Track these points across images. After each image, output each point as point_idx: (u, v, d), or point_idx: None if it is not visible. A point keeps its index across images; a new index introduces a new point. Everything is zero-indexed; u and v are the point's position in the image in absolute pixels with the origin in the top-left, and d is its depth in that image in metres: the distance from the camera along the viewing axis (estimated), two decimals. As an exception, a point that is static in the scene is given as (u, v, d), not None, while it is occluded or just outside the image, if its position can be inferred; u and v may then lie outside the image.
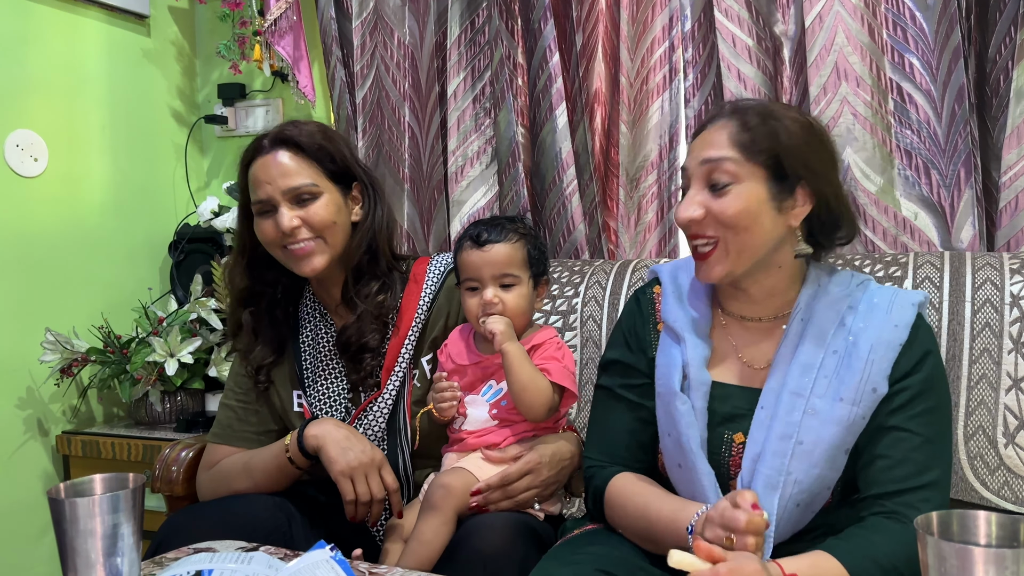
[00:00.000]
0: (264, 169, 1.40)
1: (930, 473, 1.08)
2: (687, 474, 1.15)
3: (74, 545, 0.89)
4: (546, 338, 1.40)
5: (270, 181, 1.40)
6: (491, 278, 1.36)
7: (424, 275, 1.52)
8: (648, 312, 1.28)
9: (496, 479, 1.30)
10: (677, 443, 1.16)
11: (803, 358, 1.13)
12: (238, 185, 1.48)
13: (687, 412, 1.15)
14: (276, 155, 1.41)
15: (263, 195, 1.40)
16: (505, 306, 1.36)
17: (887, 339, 1.11)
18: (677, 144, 1.91)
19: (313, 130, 1.44)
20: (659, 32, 1.90)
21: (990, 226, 1.65)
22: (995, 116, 1.63)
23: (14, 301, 2.07)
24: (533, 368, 1.33)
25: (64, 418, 2.20)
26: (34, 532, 2.10)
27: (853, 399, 1.09)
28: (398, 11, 2.15)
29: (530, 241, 1.40)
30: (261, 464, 1.42)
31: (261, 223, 1.42)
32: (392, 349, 1.47)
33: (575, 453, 1.41)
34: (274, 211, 1.40)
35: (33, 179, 2.10)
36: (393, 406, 1.45)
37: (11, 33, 2.06)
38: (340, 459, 1.33)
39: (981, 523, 0.80)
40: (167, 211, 2.45)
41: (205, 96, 2.55)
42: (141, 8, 2.35)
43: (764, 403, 1.14)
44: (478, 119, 2.06)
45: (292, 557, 1.14)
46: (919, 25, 1.66)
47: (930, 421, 1.10)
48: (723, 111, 1.16)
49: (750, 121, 1.11)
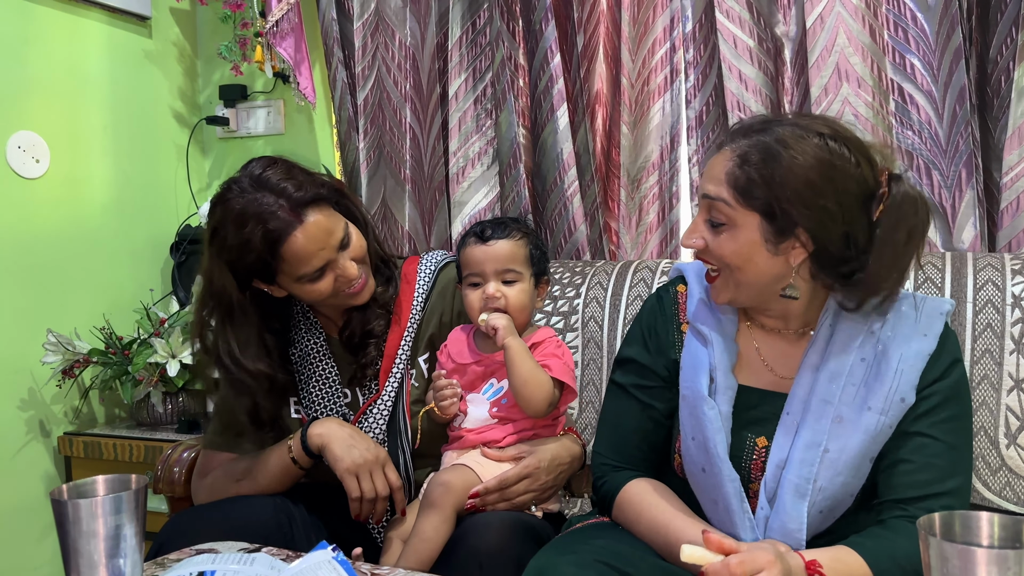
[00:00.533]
0: (310, 239, 1.32)
1: (952, 480, 1.07)
2: (711, 479, 1.14)
3: (77, 546, 0.90)
4: (545, 337, 1.41)
5: (323, 246, 1.34)
6: (494, 273, 1.37)
7: (415, 274, 1.52)
8: (671, 312, 1.27)
9: (494, 483, 1.30)
10: (703, 448, 1.14)
11: (832, 365, 1.12)
12: (241, 264, 1.34)
13: (715, 417, 1.14)
14: (313, 220, 1.33)
15: (320, 262, 1.34)
16: (507, 301, 1.37)
17: (916, 349, 1.10)
18: (678, 145, 1.91)
19: (302, 177, 1.36)
20: (660, 33, 1.90)
21: (991, 227, 1.65)
22: (996, 117, 1.63)
23: (16, 302, 2.07)
24: (534, 363, 1.34)
25: (66, 419, 2.20)
26: (36, 533, 2.10)
27: (881, 408, 1.08)
28: (399, 12, 2.16)
29: (532, 241, 1.41)
30: (264, 467, 1.42)
31: (312, 286, 1.36)
32: (391, 343, 1.47)
33: (575, 456, 1.41)
34: (326, 271, 1.36)
35: (35, 180, 2.11)
36: (392, 407, 1.46)
37: (13, 34, 2.06)
38: (345, 457, 1.33)
39: (983, 524, 0.80)
40: (168, 212, 2.45)
41: (206, 97, 2.55)
42: (143, 9, 2.35)
43: (790, 409, 1.13)
44: (479, 120, 2.07)
45: (294, 558, 1.15)
46: (920, 26, 1.67)
47: (954, 428, 1.09)
48: (735, 134, 1.12)
49: (751, 158, 1.07)
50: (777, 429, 1.13)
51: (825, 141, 1.07)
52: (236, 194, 1.33)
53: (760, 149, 1.07)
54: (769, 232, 1.08)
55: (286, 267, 1.34)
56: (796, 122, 1.10)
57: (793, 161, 1.05)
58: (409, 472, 1.46)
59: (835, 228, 1.06)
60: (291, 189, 1.33)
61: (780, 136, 1.07)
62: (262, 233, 1.30)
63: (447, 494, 1.28)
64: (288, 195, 1.32)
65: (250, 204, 1.31)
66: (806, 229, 1.07)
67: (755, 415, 1.16)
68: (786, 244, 1.08)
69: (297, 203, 1.32)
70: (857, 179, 1.07)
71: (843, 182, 1.06)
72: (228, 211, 1.33)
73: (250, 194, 1.32)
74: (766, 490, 1.12)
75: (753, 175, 1.06)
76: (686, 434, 1.17)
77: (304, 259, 1.33)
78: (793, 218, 1.06)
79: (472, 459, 1.35)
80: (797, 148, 1.06)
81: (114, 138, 2.31)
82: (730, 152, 1.10)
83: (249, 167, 1.37)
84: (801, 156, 1.05)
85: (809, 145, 1.06)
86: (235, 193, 1.34)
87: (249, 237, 1.31)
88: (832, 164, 1.05)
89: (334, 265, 1.37)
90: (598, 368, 1.69)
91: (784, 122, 1.10)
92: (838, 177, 1.05)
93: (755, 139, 1.09)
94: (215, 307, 1.40)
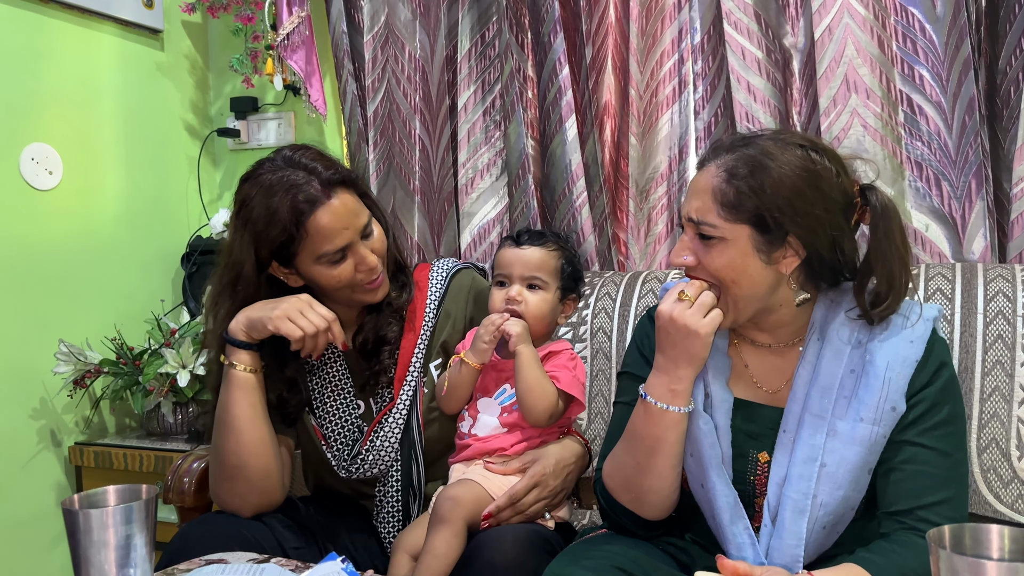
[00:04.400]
0: (336, 216, 1.33)
1: (946, 489, 1.07)
2: (708, 494, 1.14)
3: (87, 556, 0.90)
4: (562, 348, 1.42)
5: (347, 225, 1.34)
6: (519, 277, 1.39)
7: (427, 280, 1.52)
8: None
9: (504, 499, 1.30)
10: (699, 463, 1.15)
11: (822, 379, 1.12)
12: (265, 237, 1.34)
13: (709, 432, 1.14)
14: (340, 199, 1.34)
15: (342, 241, 1.34)
16: (527, 306, 1.38)
17: (903, 355, 1.10)
18: (687, 156, 1.91)
19: (333, 160, 1.39)
20: (668, 45, 1.91)
21: (1002, 237, 1.65)
22: (1006, 127, 1.63)
23: (28, 313, 2.08)
24: (543, 373, 1.35)
25: (77, 429, 2.21)
26: (47, 542, 2.11)
27: (873, 418, 1.08)
28: (409, 25, 2.17)
29: (566, 256, 1.43)
30: (222, 405, 1.37)
31: (332, 269, 1.36)
32: (405, 350, 1.47)
33: (579, 454, 1.40)
34: (347, 254, 1.37)
35: (48, 192, 2.12)
36: (407, 416, 1.45)
37: (27, 48, 2.09)
38: (270, 312, 1.34)
39: (994, 537, 0.80)
40: (180, 223, 2.46)
41: (218, 109, 2.57)
42: (155, 23, 2.38)
43: (786, 426, 1.13)
44: (488, 131, 2.07)
45: (303, 569, 1.15)
46: (929, 37, 1.67)
47: (944, 435, 1.09)
48: (716, 151, 1.13)
49: (738, 171, 1.08)
50: (775, 447, 1.13)
51: (807, 151, 1.09)
52: (268, 170, 1.36)
53: (747, 161, 1.08)
54: (761, 242, 1.08)
55: (309, 243, 1.34)
56: (775, 136, 1.11)
57: (781, 170, 1.06)
58: (422, 484, 1.45)
59: (825, 234, 1.08)
60: (321, 168, 1.35)
61: (764, 148, 1.09)
62: (290, 203, 1.31)
63: (456, 508, 1.28)
64: (318, 173, 1.34)
65: (281, 178, 1.33)
66: (797, 236, 1.08)
67: (753, 429, 1.16)
68: (778, 253, 1.09)
69: (327, 181, 1.34)
70: (839, 188, 1.09)
71: (828, 190, 1.08)
72: (258, 184, 1.35)
73: (282, 171, 1.34)
74: (769, 508, 1.12)
75: (742, 187, 1.07)
76: (685, 451, 1.17)
77: (328, 235, 1.33)
78: (785, 226, 1.07)
79: (478, 473, 1.35)
80: (783, 158, 1.07)
81: (126, 150, 2.33)
82: (715, 168, 1.10)
83: (281, 150, 1.40)
84: (787, 166, 1.07)
85: (793, 155, 1.08)
86: (266, 169, 1.36)
87: (277, 207, 1.32)
88: (817, 173, 1.08)
89: (355, 251, 1.37)
90: (607, 379, 1.69)
91: (764, 137, 1.12)
92: (823, 185, 1.08)
93: (740, 153, 1.09)
94: (229, 281, 1.39)
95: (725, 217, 1.08)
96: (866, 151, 1.69)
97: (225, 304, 1.40)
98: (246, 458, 1.35)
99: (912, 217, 1.69)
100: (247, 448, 1.35)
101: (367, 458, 1.44)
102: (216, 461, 1.38)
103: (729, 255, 1.09)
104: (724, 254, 1.09)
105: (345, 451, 1.46)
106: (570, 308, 1.46)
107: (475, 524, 1.29)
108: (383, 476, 1.46)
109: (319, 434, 1.48)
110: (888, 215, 1.10)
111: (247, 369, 1.35)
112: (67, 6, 2.16)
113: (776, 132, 1.14)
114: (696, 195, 1.11)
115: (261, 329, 1.34)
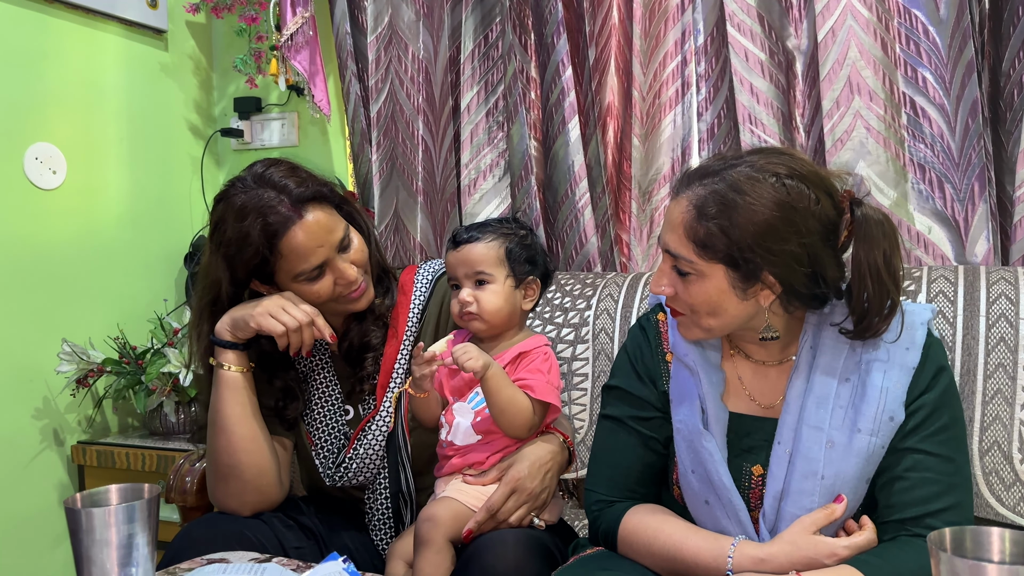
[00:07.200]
0: (309, 235, 1.32)
1: (951, 495, 1.06)
2: (718, 510, 1.13)
3: (90, 555, 0.90)
4: (534, 346, 1.37)
5: (322, 243, 1.33)
6: (464, 277, 1.37)
7: (412, 284, 1.51)
8: (656, 342, 1.24)
9: (482, 513, 1.27)
10: (706, 480, 1.13)
11: (817, 391, 1.10)
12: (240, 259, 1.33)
13: (715, 450, 1.13)
14: (313, 217, 1.33)
15: (318, 259, 1.33)
16: (480, 305, 1.35)
17: (900, 363, 1.09)
18: (689, 157, 1.91)
19: (304, 175, 1.36)
20: (672, 46, 1.91)
21: (1004, 240, 1.65)
22: (1009, 130, 1.63)
23: (32, 312, 2.09)
24: (513, 389, 1.30)
25: (79, 428, 2.21)
26: (49, 541, 2.12)
27: (871, 429, 1.07)
28: (412, 26, 2.17)
29: (512, 240, 1.38)
30: (213, 407, 1.38)
31: (311, 286, 1.36)
32: (388, 356, 1.46)
33: (555, 452, 1.35)
34: (325, 270, 1.36)
35: (52, 191, 2.13)
36: (392, 422, 1.44)
37: (31, 47, 2.09)
38: (254, 309, 1.34)
39: (995, 539, 0.80)
40: (183, 223, 2.47)
41: (221, 110, 2.58)
42: (159, 23, 2.38)
43: (781, 438, 1.11)
44: (491, 132, 2.08)
45: (304, 569, 1.15)
46: (932, 39, 1.66)
47: (946, 439, 1.08)
48: (687, 181, 1.09)
49: (707, 210, 1.04)
50: (771, 459, 1.12)
51: (782, 181, 1.04)
52: (239, 190, 1.34)
53: (716, 200, 1.04)
54: (736, 279, 1.06)
55: (284, 263, 1.33)
56: (752, 162, 1.06)
57: (750, 208, 1.03)
58: (411, 490, 1.43)
59: (801, 268, 1.04)
60: (292, 186, 1.33)
61: (734, 182, 1.04)
62: (261, 226, 1.30)
63: (435, 528, 1.25)
64: (289, 191, 1.32)
65: (251, 199, 1.31)
66: (771, 273, 1.05)
67: (747, 443, 1.15)
68: (753, 289, 1.07)
69: (298, 199, 1.32)
70: (818, 216, 1.04)
71: (804, 222, 1.03)
72: (230, 206, 1.33)
73: (253, 190, 1.32)
74: (765, 521, 1.11)
75: (712, 228, 1.04)
76: (685, 467, 1.16)
77: (302, 255, 1.32)
78: (757, 264, 1.04)
79: (455, 488, 1.32)
80: (754, 194, 1.03)
81: (130, 150, 2.33)
82: (686, 202, 1.07)
83: (253, 166, 1.38)
84: (758, 202, 1.03)
85: (766, 188, 1.03)
86: (238, 189, 1.34)
87: (248, 230, 1.30)
88: (791, 206, 1.03)
89: (333, 266, 1.36)
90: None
91: (740, 162, 1.07)
92: (798, 219, 1.03)
93: (710, 187, 1.05)
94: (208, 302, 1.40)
95: (699, 255, 1.06)
96: (869, 153, 1.69)
97: (206, 323, 1.40)
98: (239, 456, 1.35)
99: (915, 220, 1.68)
100: (239, 446, 1.35)
101: (351, 466, 1.44)
102: (210, 463, 1.39)
103: (705, 290, 1.07)
104: (701, 289, 1.08)
105: (330, 459, 1.46)
106: (531, 291, 1.41)
107: (458, 539, 1.27)
108: (371, 484, 1.45)
109: (310, 439, 1.48)
110: (869, 234, 1.06)
111: (235, 369, 1.37)
112: (71, 6, 2.16)
113: (755, 156, 1.08)
114: (671, 228, 1.09)
115: (244, 327, 1.35)
